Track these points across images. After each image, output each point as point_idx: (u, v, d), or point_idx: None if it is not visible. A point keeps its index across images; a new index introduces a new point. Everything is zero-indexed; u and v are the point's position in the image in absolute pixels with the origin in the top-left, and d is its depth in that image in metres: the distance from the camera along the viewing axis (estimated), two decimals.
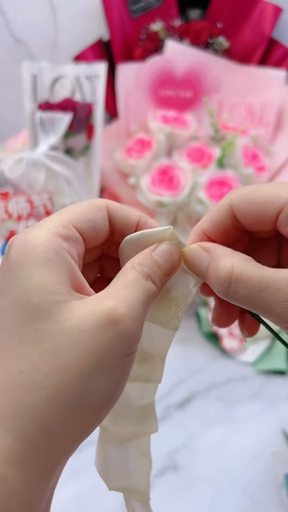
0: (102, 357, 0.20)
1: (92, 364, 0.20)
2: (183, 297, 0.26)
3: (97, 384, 0.20)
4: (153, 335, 0.26)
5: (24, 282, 0.21)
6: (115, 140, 0.85)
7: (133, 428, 0.28)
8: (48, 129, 0.69)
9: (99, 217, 0.24)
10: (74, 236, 0.23)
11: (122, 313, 0.20)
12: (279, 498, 0.51)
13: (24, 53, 0.92)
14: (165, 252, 0.24)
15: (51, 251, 0.21)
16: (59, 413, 0.19)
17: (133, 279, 0.22)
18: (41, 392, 0.19)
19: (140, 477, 0.28)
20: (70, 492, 0.52)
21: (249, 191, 0.25)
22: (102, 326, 0.20)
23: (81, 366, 0.20)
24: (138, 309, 0.21)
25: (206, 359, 0.70)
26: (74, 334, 0.20)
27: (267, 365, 0.69)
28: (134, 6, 0.87)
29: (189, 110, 0.87)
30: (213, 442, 0.57)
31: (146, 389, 0.28)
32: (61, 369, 0.19)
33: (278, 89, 0.85)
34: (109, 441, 0.27)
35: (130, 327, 0.20)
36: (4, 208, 0.66)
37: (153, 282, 0.23)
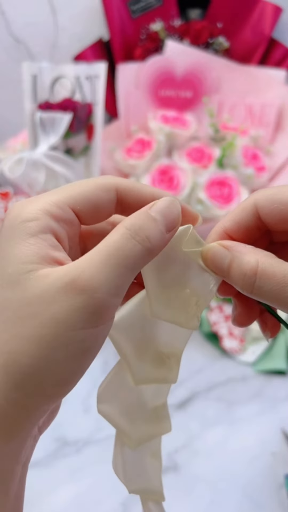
0: (59, 328, 0.19)
1: (47, 335, 0.19)
2: (204, 297, 0.25)
3: (54, 356, 0.19)
4: (171, 334, 0.26)
5: (5, 252, 0.21)
6: (115, 140, 0.85)
7: (148, 429, 0.27)
8: (48, 129, 0.69)
9: (103, 198, 0.24)
10: (68, 219, 0.23)
11: (84, 280, 0.19)
12: (279, 498, 0.51)
13: (24, 53, 0.92)
14: (163, 207, 0.23)
15: (38, 228, 0.21)
16: (14, 381, 0.19)
17: (115, 240, 0.21)
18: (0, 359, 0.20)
19: (154, 478, 0.28)
20: (70, 492, 0.52)
21: (274, 191, 0.25)
22: (62, 295, 0.19)
23: (38, 337, 0.19)
24: (110, 276, 0.20)
25: (206, 359, 0.70)
26: (34, 304, 0.20)
27: (267, 365, 0.69)
28: (134, 6, 0.87)
29: (189, 110, 0.87)
30: (213, 442, 0.57)
31: (160, 389, 0.28)
32: (18, 338, 0.20)
33: (278, 89, 0.85)
34: (126, 443, 0.27)
35: (96, 298, 0.19)
36: (4, 208, 0.66)
37: (147, 240, 0.21)
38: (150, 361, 0.26)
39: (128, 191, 0.24)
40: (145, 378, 0.26)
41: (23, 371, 0.19)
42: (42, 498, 0.51)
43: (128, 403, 0.27)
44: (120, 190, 0.24)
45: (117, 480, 0.55)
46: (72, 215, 0.23)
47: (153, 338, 0.26)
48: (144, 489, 0.28)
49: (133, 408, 0.27)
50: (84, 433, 0.57)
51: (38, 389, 0.20)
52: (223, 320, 0.74)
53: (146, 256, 0.21)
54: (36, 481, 0.52)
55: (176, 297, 0.25)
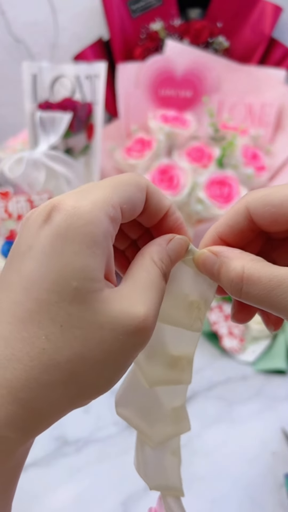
0: (122, 358, 0.21)
1: (111, 360, 0.21)
2: (204, 300, 0.27)
3: (106, 374, 0.21)
4: (178, 338, 0.27)
5: (68, 260, 0.20)
6: (115, 140, 0.85)
7: (168, 430, 0.29)
8: (48, 129, 0.69)
9: (139, 198, 0.24)
10: (119, 219, 0.22)
11: (151, 322, 0.21)
12: (279, 498, 0.51)
13: (24, 53, 0.92)
14: (177, 247, 0.25)
15: (101, 233, 0.21)
16: (70, 395, 0.20)
17: (155, 279, 0.23)
18: (60, 374, 0.20)
19: (173, 475, 0.30)
20: (70, 492, 0.52)
21: (265, 193, 0.25)
22: (132, 332, 0.21)
23: (103, 360, 0.21)
24: (157, 313, 0.22)
25: (206, 358, 0.70)
26: (104, 330, 0.20)
27: (267, 364, 0.69)
28: (134, 6, 0.87)
29: (189, 109, 0.87)
30: (213, 442, 0.57)
31: (177, 391, 0.29)
32: (85, 359, 0.20)
33: (278, 88, 0.85)
34: (147, 442, 0.28)
35: (150, 333, 0.22)
36: (4, 207, 0.66)
37: (166, 280, 0.24)
38: (162, 364, 0.27)
39: (153, 194, 0.25)
40: (158, 380, 0.27)
41: (79, 387, 0.21)
42: (42, 497, 0.51)
43: (146, 405, 0.28)
44: (148, 191, 0.24)
45: (117, 480, 0.55)
46: (121, 215, 0.22)
47: (161, 342, 0.27)
48: (165, 485, 0.29)
49: (151, 410, 0.28)
50: (84, 432, 0.57)
51: (79, 400, 0.21)
52: (223, 319, 0.74)
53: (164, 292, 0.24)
54: (36, 480, 0.52)
55: (177, 302, 0.26)
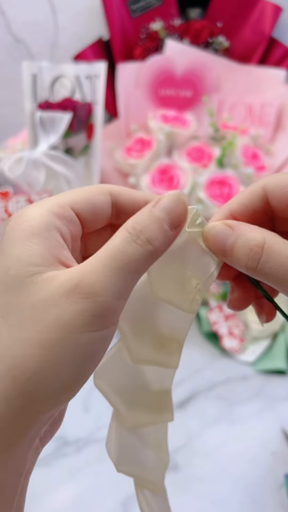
0: (64, 332, 0.19)
1: (52, 339, 0.19)
2: (204, 280, 0.25)
3: (59, 360, 0.19)
4: (171, 318, 0.26)
5: (7, 253, 0.21)
6: (115, 140, 0.85)
7: (147, 415, 0.27)
8: (48, 129, 0.69)
9: (100, 200, 0.24)
10: (70, 216, 0.23)
11: (88, 284, 0.19)
12: (279, 498, 0.51)
13: (24, 53, 0.92)
14: (168, 203, 0.22)
15: (41, 226, 0.21)
16: (19, 386, 0.19)
17: (117, 244, 0.21)
18: (5, 363, 0.19)
19: (154, 468, 0.28)
20: (70, 492, 0.52)
21: (284, 177, 0.25)
22: (66, 300, 0.19)
23: (42, 341, 0.19)
24: (114, 279, 0.20)
25: (206, 358, 0.70)
26: (37, 308, 0.20)
27: (267, 364, 0.69)
28: (134, 6, 0.87)
29: (189, 109, 0.87)
30: (213, 442, 0.57)
31: (162, 374, 0.27)
32: (22, 342, 0.19)
33: (278, 88, 0.85)
34: (122, 423, 0.26)
35: (101, 301, 0.19)
36: (4, 207, 0.66)
37: (148, 242, 0.21)
38: (150, 342, 0.25)
39: (120, 194, 0.25)
40: (144, 358, 0.25)
41: (28, 376, 0.19)
42: (42, 497, 0.51)
43: (127, 382, 0.26)
44: (113, 193, 0.25)
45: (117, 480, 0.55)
46: (73, 214, 0.23)
47: (153, 319, 0.25)
48: (137, 474, 0.27)
49: (132, 389, 0.26)
50: (84, 432, 0.57)
51: (43, 394, 0.20)
52: (223, 319, 0.74)
53: (149, 258, 0.21)
54: (36, 480, 0.52)
55: (177, 278, 0.25)
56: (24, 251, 0.21)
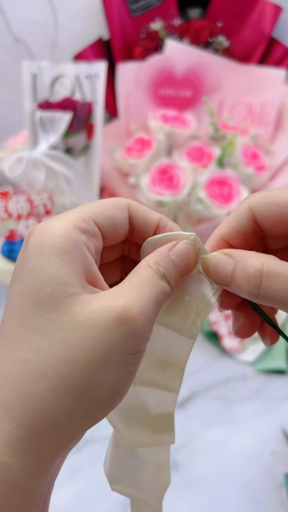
0: (111, 353, 0.20)
1: (100, 360, 0.20)
2: (203, 306, 0.26)
3: (103, 379, 0.20)
4: (170, 342, 0.26)
5: (38, 271, 0.21)
6: (115, 140, 0.85)
7: (147, 436, 0.27)
8: (48, 129, 0.69)
9: (119, 215, 0.24)
10: (93, 231, 0.23)
11: (134, 312, 0.20)
12: (279, 498, 0.51)
13: (24, 53, 0.92)
14: (182, 252, 0.24)
15: (69, 242, 0.21)
16: (64, 404, 0.19)
17: (147, 277, 0.22)
18: (47, 383, 0.19)
19: (153, 490, 0.27)
20: (70, 492, 0.52)
21: (268, 194, 0.25)
22: (113, 323, 0.20)
23: (89, 360, 0.20)
24: (150, 309, 0.21)
25: (206, 358, 0.70)
26: (84, 328, 0.20)
27: (267, 364, 0.69)
28: (134, 5, 0.87)
29: (189, 109, 0.87)
30: (213, 442, 0.57)
31: (165, 398, 0.27)
32: (69, 361, 0.20)
33: (278, 88, 0.85)
34: (121, 443, 0.26)
35: (141, 327, 0.21)
36: (4, 207, 0.66)
37: (167, 282, 0.23)
38: (150, 365, 0.26)
39: (137, 210, 0.25)
40: (143, 380, 0.26)
41: (74, 395, 0.20)
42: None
43: (127, 403, 0.26)
44: (131, 209, 0.25)
45: None
46: (96, 228, 0.23)
47: (152, 343, 0.25)
48: (134, 496, 0.27)
49: (132, 410, 0.26)
50: None
51: (84, 413, 0.20)
52: (223, 319, 0.74)
53: (167, 295, 0.23)
54: None
55: (176, 302, 0.25)
56: (56, 270, 0.21)
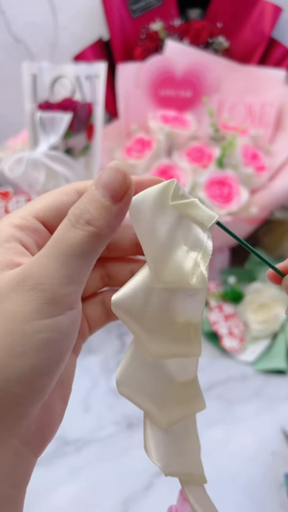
0: (13, 323, 0.19)
1: (2, 331, 0.19)
2: (201, 252, 0.24)
3: (12, 351, 0.19)
4: (179, 301, 0.24)
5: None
6: (115, 140, 0.85)
7: (179, 409, 0.26)
8: (48, 129, 0.69)
9: (64, 201, 0.24)
10: (32, 227, 0.24)
11: (33, 275, 0.20)
12: (279, 498, 0.51)
13: (24, 53, 0.92)
14: (106, 177, 0.22)
15: (1, 238, 0.22)
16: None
17: (56, 233, 0.21)
18: None
19: (192, 459, 0.27)
20: (70, 492, 0.52)
21: None
22: (13, 292, 0.20)
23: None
24: (56, 266, 0.20)
25: (206, 358, 0.70)
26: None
27: (267, 364, 0.69)
28: (134, 6, 0.87)
29: (189, 109, 0.87)
30: (213, 442, 0.57)
31: (186, 363, 0.26)
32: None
33: (278, 89, 0.85)
34: (157, 424, 0.25)
35: (44, 288, 0.20)
36: (4, 207, 0.66)
37: (87, 224, 0.21)
38: (165, 334, 0.24)
39: (86, 188, 0.25)
40: (163, 352, 0.24)
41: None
42: (42, 497, 0.51)
43: (151, 382, 0.25)
44: (79, 189, 0.25)
45: (117, 480, 0.55)
46: (36, 223, 0.24)
47: (162, 309, 0.24)
48: (183, 472, 0.26)
49: (158, 387, 0.25)
50: (84, 432, 0.58)
51: (8, 389, 0.19)
52: (223, 319, 0.74)
53: (94, 239, 0.21)
54: (36, 480, 0.52)
55: (175, 256, 0.24)
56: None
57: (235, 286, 0.78)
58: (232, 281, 0.78)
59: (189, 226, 0.24)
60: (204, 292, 0.25)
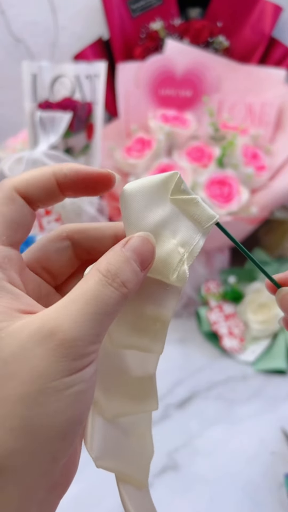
0: (41, 382, 0.18)
1: (31, 391, 0.18)
2: (190, 249, 0.23)
3: (44, 411, 0.18)
4: (152, 292, 0.24)
5: None
6: (115, 140, 0.85)
7: (129, 403, 0.25)
8: (48, 128, 0.69)
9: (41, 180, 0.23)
10: (6, 258, 0.22)
11: (64, 331, 0.19)
12: (279, 498, 0.51)
13: (24, 52, 0.92)
14: (138, 244, 0.22)
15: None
16: (7, 446, 0.18)
17: (91, 287, 0.20)
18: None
19: (138, 462, 0.26)
20: (70, 492, 0.51)
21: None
22: (40, 349, 0.18)
23: (21, 395, 0.18)
24: (90, 324, 0.19)
25: (206, 358, 0.70)
26: (11, 363, 0.18)
27: (267, 364, 0.69)
28: (134, 5, 0.87)
29: (189, 109, 0.87)
30: (213, 442, 0.57)
31: (145, 359, 0.25)
32: (1, 401, 0.18)
33: (278, 88, 0.85)
34: (101, 413, 0.24)
35: (75, 345, 0.19)
36: None
37: (123, 286, 0.21)
38: (131, 322, 0.24)
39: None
40: (125, 342, 0.24)
41: (15, 434, 0.18)
42: None
43: (105, 368, 0.24)
44: (56, 172, 0.23)
45: None
46: (6, 252, 0.22)
47: (135, 296, 0.23)
48: (121, 470, 0.25)
49: (111, 374, 0.24)
50: None
51: (36, 449, 0.18)
52: (223, 319, 0.74)
53: (123, 300, 0.21)
54: None
55: (162, 247, 0.23)
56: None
57: (235, 286, 0.78)
58: (232, 281, 0.78)
59: (184, 221, 0.24)
60: (180, 292, 0.24)
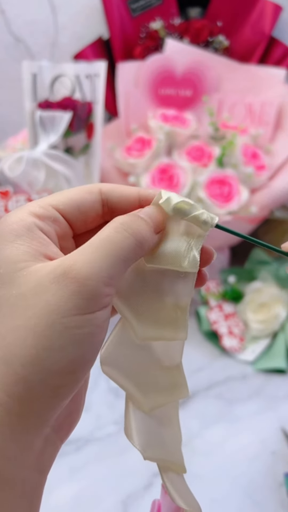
0: (52, 316, 0.20)
1: (42, 324, 0.20)
2: (197, 235, 0.25)
3: (50, 343, 0.20)
4: (169, 282, 0.25)
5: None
6: (115, 139, 0.85)
7: (163, 394, 0.26)
8: (48, 128, 0.69)
9: (86, 199, 0.25)
10: (52, 216, 0.24)
11: (78, 269, 0.20)
12: (279, 497, 0.51)
13: (24, 52, 0.92)
14: (151, 211, 0.24)
15: (23, 228, 0.22)
16: (15, 372, 0.19)
17: (106, 233, 0.22)
18: (1, 352, 0.20)
19: (172, 447, 0.27)
20: (70, 491, 0.52)
21: None
22: (54, 285, 0.20)
23: (32, 326, 0.20)
24: (103, 265, 0.21)
25: (205, 358, 0.70)
26: (28, 297, 0.20)
27: (267, 364, 0.69)
28: (134, 5, 0.87)
29: (189, 109, 0.87)
30: (213, 441, 0.57)
31: (170, 348, 0.26)
32: (14, 329, 0.20)
33: (278, 88, 0.85)
34: (139, 407, 0.25)
35: (89, 283, 0.20)
36: (4, 207, 0.66)
37: (139, 233, 0.22)
38: (153, 315, 0.25)
39: (111, 191, 0.25)
40: (149, 335, 0.25)
41: (22, 362, 0.19)
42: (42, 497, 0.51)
43: (136, 363, 0.25)
44: (104, 191, 0.25)
45: (117, 479, 0.55)
46: (56, 213, 0.24)
47: (151, 290, 0.25)
48: (162, 459, 0.26)
49: (142, 368, 0.25)
50: (84, 431, 0.58)
51: (40, 380, 0.20)
52: (223, 318, 0.74)
53: (138, 248, 0.22)
54: None
55: (167, 239, 0.25)
56: (11, 251, 0.21)
57: (235, 285, 0.78)
58: (232, 281, 0.78)
59: (186, 224, 0.25)
60: (195, 276, 0.25)
